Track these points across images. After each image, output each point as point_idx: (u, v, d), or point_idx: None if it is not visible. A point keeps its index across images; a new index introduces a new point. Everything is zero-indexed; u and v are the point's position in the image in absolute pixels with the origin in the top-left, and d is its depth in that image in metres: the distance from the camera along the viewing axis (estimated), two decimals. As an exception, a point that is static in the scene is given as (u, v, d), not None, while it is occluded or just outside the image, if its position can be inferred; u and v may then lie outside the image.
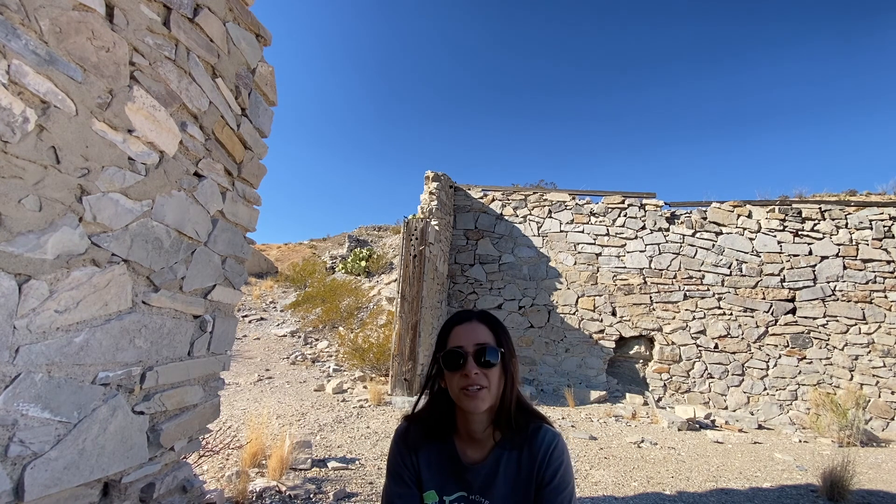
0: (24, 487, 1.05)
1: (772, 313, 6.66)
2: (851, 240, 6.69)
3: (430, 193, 6.66)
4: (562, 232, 7.47)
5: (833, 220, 6.79)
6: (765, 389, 6.49)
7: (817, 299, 6.61)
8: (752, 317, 6.70)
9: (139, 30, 1.31)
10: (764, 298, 6.72)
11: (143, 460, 1.44)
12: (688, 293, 6.93)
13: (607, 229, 7.34)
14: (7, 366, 1.02)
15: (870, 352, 6.35)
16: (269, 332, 8.40)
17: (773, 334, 6.62)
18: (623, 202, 7.41)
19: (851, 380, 6.32)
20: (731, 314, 6.77)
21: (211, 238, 1.70)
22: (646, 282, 7.07)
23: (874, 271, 6.53)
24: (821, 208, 6.88)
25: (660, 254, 7.12)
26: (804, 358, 6.49)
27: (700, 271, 6.97)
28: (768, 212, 6.98)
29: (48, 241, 1.08)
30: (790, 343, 6.55)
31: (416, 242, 5.59)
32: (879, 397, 6.20)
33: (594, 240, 7.34)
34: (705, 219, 7.13)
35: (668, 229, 7.18)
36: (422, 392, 1.07)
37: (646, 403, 6.43)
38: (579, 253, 7.34)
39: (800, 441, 5.39)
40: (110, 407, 1.30)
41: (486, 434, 1.01)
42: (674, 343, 6.85)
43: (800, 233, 6.83)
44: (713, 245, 7.02)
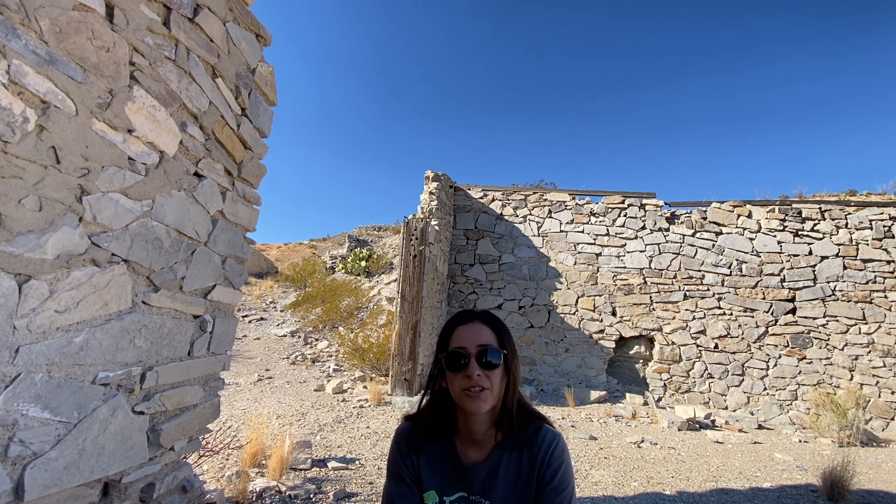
0: (24, 487, 1.05)
1: (772, 313, 6.66)
2: (851, 240, 6.69)
3: (430, 193, 6.66)
4: (562, 232, 7.47)
5: (833, 220, 6.79)
6: (765, 389, 6.49)
7: (817, 299, 6.60)
8: (752, 317, 6.70)
9: (139, 30, 1.31)
10: (764, 298, 6.72)
11: (143, 460, 1.44)
12: (688, 293, 6.93)
13: (607, 229, 7.34)
14: (7, 366, 1.02)
15: (870, 352, 6.35)
16: (269, 332, 8.40)
17: (773, 334, 6.62)
18: (623, 202, 7.41)
19: (851, 380, 6.32)
20: (731, 314, 6.77)
21: (211, 238, 1.70)
22: (646, 282, 7.07)
23: (874, 271, 6.53)
24: (821, 208, 6.88)
25: (660, 254, 7.12)
26: (804, 358, 6.49)
27: (700, 271, 6.97)
28: (768, 212, 6.98)
29: (48, 241, 1.08)
30: (790, 343, 6.55)
31: (416, 242, 5.59)
32: (879, 397, 6.20)
33: (594, 240, 7.34)
34: (705, 219, 7.13)
35: (668, 229, 7.18)
36: (424, 392, 1.07)
37: (646, 403, 6.43)
38: (579, 253, 7.33)
39: (800, 441, 5.39)
40: (110, 407, 1.30)
41: (487, 435, 1.00)
42: (674, 343, 6.85)
43: (800, 233, 6.83)
44: (713, 245, 7.02)
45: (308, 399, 5.01)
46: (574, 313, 7.15)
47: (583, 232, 7.40)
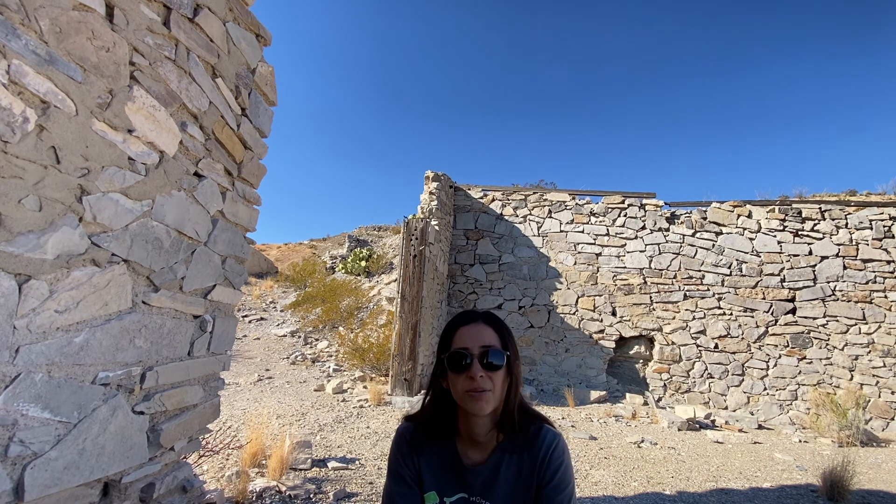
0: (24, 487, 1.05)
1: (772, 313, 6.66)
2: (851, 240, 6.69)
3: (430, 193, 6.66)
4: (562, 232, 7.47)
5: (833, 220, 6.79)
6: (765, 389, 6.49)
7: (817, 299, 6.60)
8: (752, 317, 6.70)
9: (139, 30, 1.31)
10: (764, 298, 6.72)
11: (143, 460, 1.44)
12: (688, 293, 6.93)
13: (607, 229, 7.34)
14: (7, 366, 1.02)
15: (870, 352, 6.35)
16: (269, 332, 8.40)
17: (773, 334, 6.62)
18: (623, 202, 7.41)
19: (851, 380, 6.32)
20: (731, 314, 6.77)
21: (211, 238, 1.70)
22: (646, 282, 7.07)
23: (874, 271, 6.53)
24: (821, 208, 6.88)
25: (660, 254, 7.12)
26: (804, 358, 6.49)
27: (700, 271, 6.97)
28: (768, 212, 6.98)
29: (48, 241, 1.08)
30: (790, 343, 6.55)
31: (416, 242, 5.59)
32: (879, 397, 6.20)
33: (594, 240, 7.34)
34: (705, 219, 7.13)
35: (668, 229, 7.18)
36: (426, 393, 1.06)
37: (646, 403, 6.43)
38: (579, 253, 7.33)
39: (800, 441, 5.39)
40: (110, 407, 1.30)
41: (489, 436, 1.00)
42: (674, 343, 6.85)
43: (800, 233, 6.83)
44: (713, 245, 7.02)
45: (308, 399, 5.01)
46: (574, 313, 7.15)
47: (583, 232, 7.40)
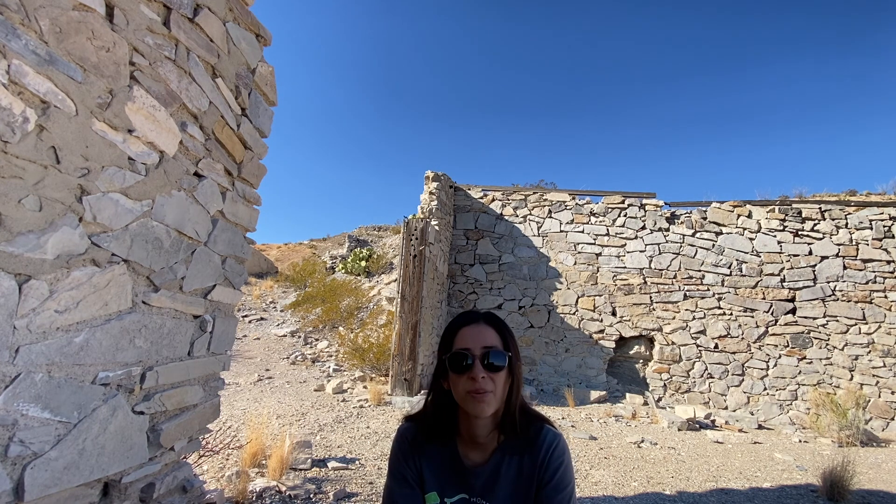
0: (24, 487, 1.05)
1: (772, 313, 6.66)
2: (851, 240, 6.69)
3: (430, 193, 6.66)
4: (562, 232, 7.47)
5: (833, 220, 6.79)
6: (765, 389, 6.49)
7: (817, 299, 6.60)
8: (752, 317, 6.70)
9: (139, 30, 1.31)
10: (764, 298, 6.72)
11: (143, 460, 1.44)
12: (688, 293, 6.93)
13: (607, 229, 7.34)
14: (7, 366, 1.02)
15: (870, 352, 6.35)
16: (269, 332, 8.40)
17: (773, 334, 6.62)
18: (623, 202, 7.41)
19: (851, 380, 6.32)
20: (731, 314, 6.77)
21: (211, 238, 1.70)
22: (646, 282, 7.07)
23: (874, 271, 6.53)
24: (821, 208, 6.88)
25: (660, 254, 7.12)
26: (804, 358, 6.49)
27: (700, 271, 6.97)
28: (768, 212, 6.98)
29: (48, 241, 1.08)
30: (790, 343, 6.55)
31: (416, 242, 5.59)
32: (879, 397, 6.20)
33: (594, 240, 7.34)
34: (705, 219, 7.13)
35: (668, 229, 7.18)
36: (428, 394, 1.06)
37: (646, 403, 6.43)
38: (579, 253, 7.33)
39: (800, 441, 5.39)
40: (110, 407, 1.30)
41: (489, 437, 1.00)
42: (674, 343, 6.85)
43: (800, 233, 6.83)
44: (713, 245, 7.02)
45: (308, 399, 5.01)
46: (574, 313, 7.15)
47: (583, 232, 7.40)
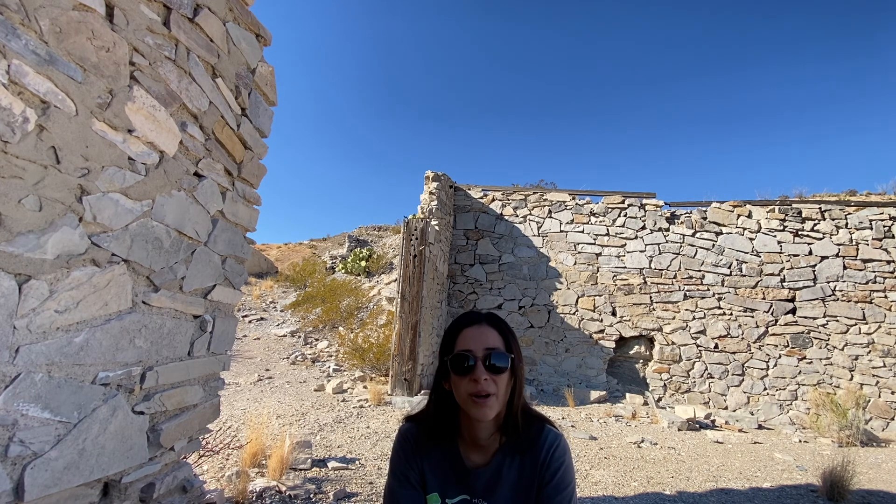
0: (24, 487, 1.05)
1: (772, 313, 6.66)
2: (851, 240, 6.69)
3: (430, 193, 6.66)
4: (562, 232, 7.47)
5: (833, 220, 6.79)
6: (765, 389, 6.49)
7: (817, 299, 6.60)
8: (752, 317, 6.70)
9: (139, 30, 1.31)
10: (764, 298, 6.72)
11: (143, 460, 1.44)
12: (688, 293, 6.93)
13: (607, 229, 7.34)
14: (7, 366, 1.02)
15: (870, 352, 6.34)
16: (269, 332, 8.40)
17: (773, 334, 6.62)
18: (623, 202, 7.41)
19: (851, 380, 6.32)
20: (731, 314, 6.77)
21: (211, 238, 1.70)
22: (646, 282, 7.07)
23: (874, 271, 6.53)
24: (821, 208, 6.88)
25: (660, 254, 7.12)
26: (804, 358, 6.49)
27: (700, 271, 6.97)
28: (768, 212, 6.98)
29: (48, 241, 1.08)
30: (790, 343, 6.55)
31: (416, 242, 5.59)
32: (879, 397, 6.20)
33: (594, 240, 7.34)
34: (705, 219, 7.13)
35: (668, 229, 7.18)
36: (430, 395, 1.05)
37: (646, 403, 6.43)
38: (579, 253, 7.33)
39: (800, 441, 5.39)
40: (110, 407, 1.30)
41: (491, 439, 0.99)
42: (674, 343, 6.85)
43: (800, 233, 6.83)
44: (713, 245, 7.02)
45: (308, 399, 5.01)
46: (574, 313, 7.15)
47: (583, 232, 7.40)
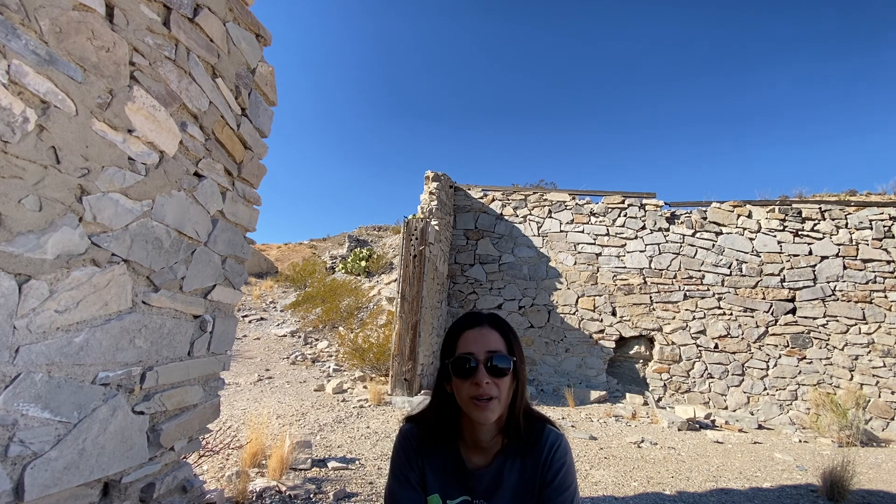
0: (24, 487, 1.05)
1: (772, 313, 6.66)
2: (851, 240, 6.69)
3: (430, 193, 6.66)
4: (562, 232, 7.47)
5: (833, 220, 6.79)
6: (765, 389, 6.49)
7: (817, 299, 6.60)
8: (752, 317, 6.70)
9: (139, 30, 1.31)
10: (764, 298, 6.72)
11: (143, 460, 1.44)
12: (688, 293, 6.93)
13: (607, 229, 7.34)
14: (7, 366, 1.02)
15: (870, 352, 6.34)
16: (269, 332, 8.40)
17: (773, 334, 6.62)
18: (623, 202, 7.41)
19: (851, 380, 6.32)
20: (731, 314, 6.77)
21: (211, 238, 1.70)
22: (646, 282, 7.07)
23: (874, 271, 6.53)
24: (821, 208, 6.88)
25: (660, 254, 7.12)
26: (804, 358, 6.49)
27: (700, 271, 6.97)
28: (768, 212, 6.98)
29: (48, 241, 1.08)
30: (790, 343, 6.55)
31: (416, 242, 5.59)
32: (879, 397, 6.20)
33: (594, 240, 7.34)
34: (705, 219, 7.13)
35: (668, 229, 7.18)
36: (432, 397, 1.04)
37: (646, 403, 6.43)
38: (579, 253, 7.33)
39: (800, 441, 5.38)
40: (110, 407, 1.30)
41: (493, 441, 0.99)
42: (674, 343, 6.85)
43: (800, 233, 6.83)
44: (713, 245, 7.02)
45: (308, 399, 5.01)
46: (574, 313, 7.15)
47: (583, 232, 7.40)
